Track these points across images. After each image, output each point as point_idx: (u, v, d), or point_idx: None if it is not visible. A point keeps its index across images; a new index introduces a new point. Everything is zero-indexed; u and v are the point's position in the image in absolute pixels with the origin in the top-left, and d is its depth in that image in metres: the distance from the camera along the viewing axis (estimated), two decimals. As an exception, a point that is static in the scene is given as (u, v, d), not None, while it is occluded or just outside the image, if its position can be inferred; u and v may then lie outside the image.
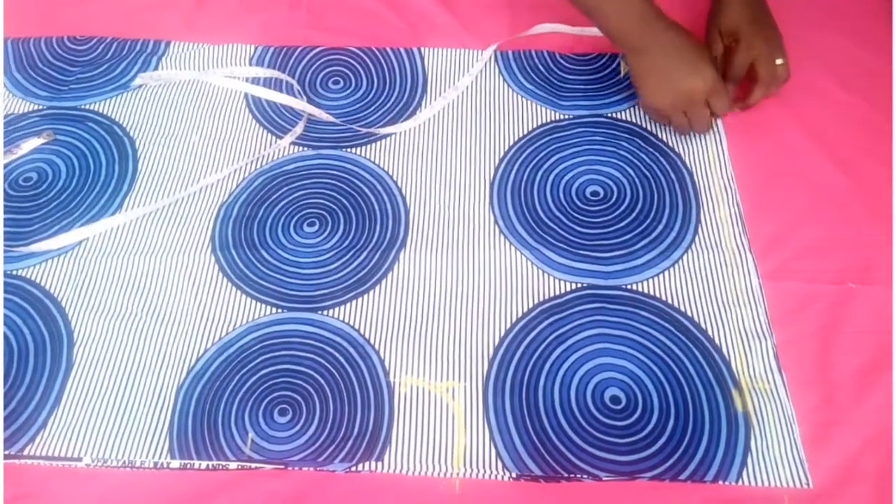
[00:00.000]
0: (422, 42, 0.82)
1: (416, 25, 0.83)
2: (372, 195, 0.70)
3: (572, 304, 0.63)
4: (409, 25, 0.83)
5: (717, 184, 0.69)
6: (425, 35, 0.82)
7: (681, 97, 0.68)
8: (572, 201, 0.69)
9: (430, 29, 0.83)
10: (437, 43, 0.81)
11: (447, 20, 0.83)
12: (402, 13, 0.84)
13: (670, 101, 0.68)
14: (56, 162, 0.72)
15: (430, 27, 0.83)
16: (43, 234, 0.67)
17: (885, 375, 0.59)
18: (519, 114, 0.75)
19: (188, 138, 0.74)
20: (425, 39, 0.82)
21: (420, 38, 0.82)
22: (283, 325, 0.62)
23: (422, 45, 0.81)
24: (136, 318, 0.63)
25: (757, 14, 0.72)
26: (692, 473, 0.54)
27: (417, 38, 0.82)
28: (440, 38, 0.82)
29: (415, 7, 0.84)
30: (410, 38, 0.82)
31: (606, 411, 0.58)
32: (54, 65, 0.79)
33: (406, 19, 0.84)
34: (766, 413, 0.57)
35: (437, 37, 0.82)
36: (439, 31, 0.83)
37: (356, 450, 0.56)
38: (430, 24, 0.83)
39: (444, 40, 0.82)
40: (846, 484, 0.54)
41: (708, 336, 0.61)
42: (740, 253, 0.65)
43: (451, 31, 0.82)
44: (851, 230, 0.66)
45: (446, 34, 0.82)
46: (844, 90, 0.76)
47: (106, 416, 0.58)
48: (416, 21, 0.84)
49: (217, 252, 0.66)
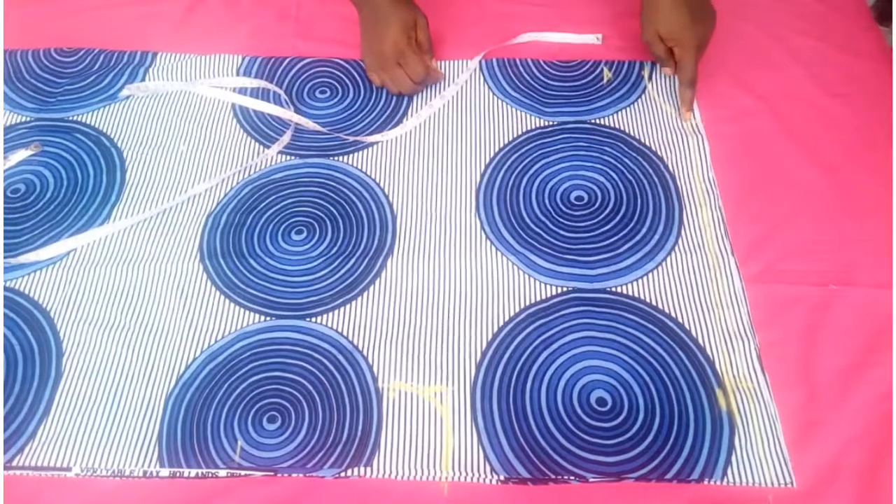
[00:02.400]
0: (408, 51, 0.82)
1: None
2: (359, 203, 0.71)
3: (558, 308, 0.63)
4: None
5: (699, 188, 0.70)
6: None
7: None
8: (557, 206, 0.70)
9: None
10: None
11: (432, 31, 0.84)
12: (388, 23, 0.85)
13: (372, 58, 0.77)
14: (44, 173, 0.73)
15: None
16: (31, 246, 0.68)
17: (867, 375, 0.59)
18: (504, 121, 0.76)
19: (176, 148, 0.75)
20: (411, 49, 0.83)
21: (406, 48, 0.83)
22: (272, 332, 0.63)
23: (408, 54, 0.82)
24: (125, 327, 0.63)
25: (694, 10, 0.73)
26: (678, 472, 0.55)
27: (404, 47, 0.83)
28: (426, 47, 0.83)
29: (401, 17, 0.85)
30: (397, 48, 0.83)
31: (593, 413, 0.58)
32: (42, 77, 0.80)
33: (392, 29, 0.85)
34: (750, 413, 0.57)
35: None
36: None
37: (345, 456, 0.57)
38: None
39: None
40: (829, 483, 0.55)
41: (692, 337, 0.61)
42: (723, 256, 0.66)
43: (437, 42, 0.83)
44: (833, 233, 0.67)
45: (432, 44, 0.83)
46: (825, 94, 0.77)
47: (95, 425, 0.58)
48: (402, 31, 0.84)
49: (205, 261, 0.67)
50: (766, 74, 0.78)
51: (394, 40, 0.74)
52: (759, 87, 0.77)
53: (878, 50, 0.81)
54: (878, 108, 0.75)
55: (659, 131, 0.75)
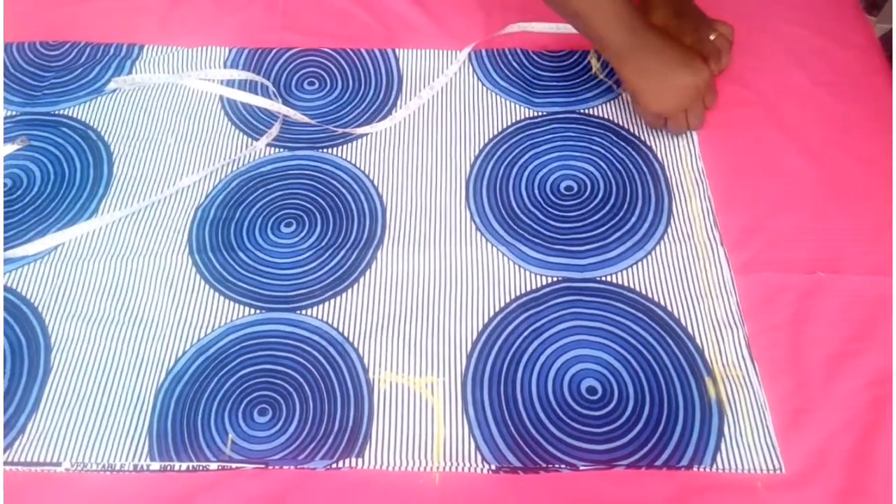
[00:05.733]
0: (397, 43, 0.82)
1: (392, 27, 0.84)
2: (349, 194, 0.70)
3: (548, 298, 0.63)
4: (385, 27, 0.84)
5: (688, 177, 0.71)
6: (400, 36, 0.83)
7: (684, 96, 0.68)
8: (547, 196, 0.70)
9: (405, 30, 0.83)
10: (412, 44, 0.82)
11: (422, 21, 0.84)
12: (377, 15, 0.85)
13: (675, 102, 0.68)
14: (31, 168, 0.72)
15: (406, 28, 0.83)
16: (19, 240, 0.67)
17: (855, 362, 0.60)
18: (493, 111, 0.76)
19: (163, 141, 0.74)
20: (400, 41, 0.82)
21: (395, 40, 0.83)
22: (262, 325, 0.63)
23: (397, 46, 0.82)
24: (114, 321, 0.63)
25: (678, 7, 0.74)
26: (667, 459, 0.55)
27: (392, 39, 0.83)
28: (415, 39, 0.82)
29: (390, 8, 0.85)
30: (386, 40, 0.83)
31: (583, 402, 0.58)
32: (27, 70, 0.79)
33: (381, 21, 0.84)
34: (739, 400, 0.58)
35: (412, 38, 0.83)
36: (414, 32, 0.83)
37: (336, 447, 0.57)
38: (406, 26, 0.84)
39: (419, 41, 0.82)
40: (817, 469, 0.55)
41: (681, 326, 0.62)
42: (712, 246, 0.66)
43: (426, 33, 0.83)
44: (820, 221, 0.68)
45: (421, 35, 0.83)
46: (812, 83, 0.77)
47: (85, 420, 0.58)
48: (391, 22, 0.84)
49: (194, 254, 0.67)
50: (754, 64, 0.78)
51: None
52: (748, 77, 0.77)
53: (866, 39, 0.81)
54: (866, 97, 0.76)
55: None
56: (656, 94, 0.68)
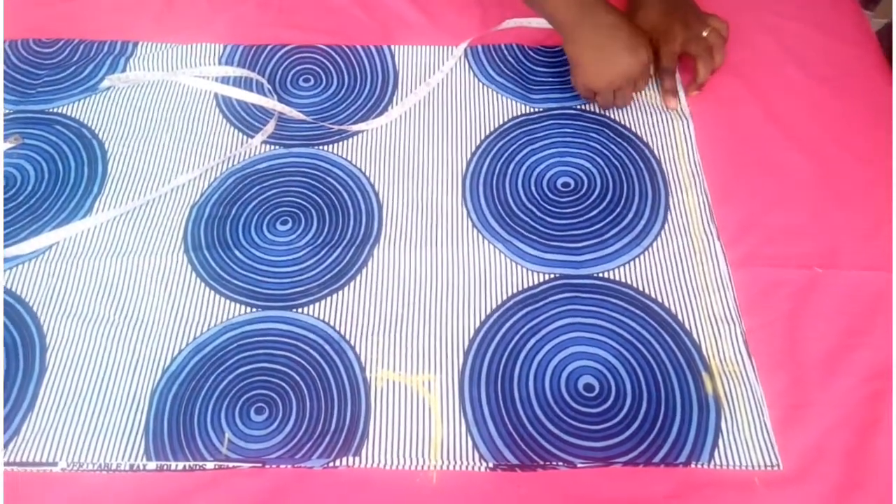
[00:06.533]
0: (392, 40, 0.82)
1: (387, 23, 0.83)
2: (345, 192, 0.70)
3: (545, 295, 0.63)
4: (380, 23, 0.83)
5: (685, 172, 0.70)
6: (396, 33, 0.83)
7: (616, 77, 0.69)
8: (544, 193, 0.69)
9: (401, 26, 0.83)
10: (408, 40, 0.81)
11: (417, 18, 0.83)
12: (372, 11, 0.84)
13: (606, 81, 0.70)
14: (24, 166, 0.72)
15: (401, 24, 0.83)
16: (13, 239, 0.67)
17: (851, 357, 0.60)
18: (489, 108, 0.76)
19: (158, 139, 0.74)
20: (396, 37, 0.82)
21: (390, 36, 0.82)
22: (258, 323, 0.62)
23: (392, 42, 0.81)
24: (109, 320, 0.62)
25: (669, 4, 0.74)
26: (665, 456, 0.55)
27: (388, 35, 0.82)
28: (410, 35, 0.82)
29: (385, 4, 0.84)
30: (381, 36, 0.82)
31: (580, 399, 0.58)
32: (20, 68, 0.79)
33: (376, 17, 0.84)
34: (736, 396, 0.58)
35: (407, 34, 0.82)
36: (410, 28, 0.83)
37: (333, 445, 0.56)
38: (401, 22, 0.83)
39: (414, 37, 0.82)
40: (815, 464, 0.55)
41: (678, 321, 0.62)
42: (709, 240, 0.66)
43: (422, 29, 0.82)
44: (817, 216, 0.68)
45: (416, 32, 0.82)
46: (809, 78, 0.77)
47: (81, 419, 0.58)
48: (386, 19, 0.84)
49: (190, 252, 0.66)
50: (750, 58, 0.78)
51: None
52: (744, 72, 0.77)
53: (862, 34, 0.81)
54: (863, 92, 0.76)
55: (644, 116, 0.74)
56: (592, 69, 0.70)
